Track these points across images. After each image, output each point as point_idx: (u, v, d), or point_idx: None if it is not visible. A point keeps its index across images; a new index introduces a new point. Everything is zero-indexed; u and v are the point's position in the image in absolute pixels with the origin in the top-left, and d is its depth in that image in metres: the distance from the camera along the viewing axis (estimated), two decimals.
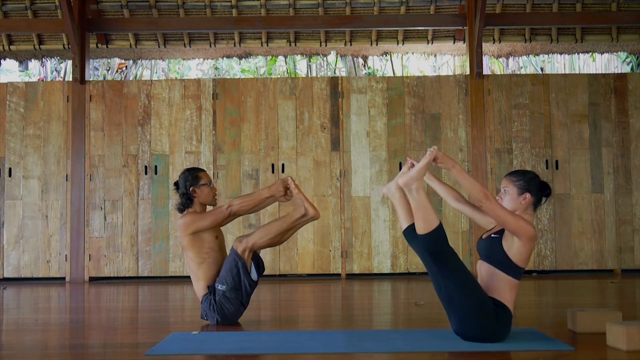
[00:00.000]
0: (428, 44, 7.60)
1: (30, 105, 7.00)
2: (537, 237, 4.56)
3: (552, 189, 3.31)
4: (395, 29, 7.45)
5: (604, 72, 9.82)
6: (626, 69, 10.19)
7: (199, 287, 3.90)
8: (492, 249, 3.14)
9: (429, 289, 5.79)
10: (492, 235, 3.18)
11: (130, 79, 10.33)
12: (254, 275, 3.84)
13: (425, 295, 5.23)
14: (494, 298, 3.09)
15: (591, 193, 6.87)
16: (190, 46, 7.62)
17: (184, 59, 8.11)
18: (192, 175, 3.97)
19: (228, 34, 7.58)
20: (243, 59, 8.11)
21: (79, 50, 6.91)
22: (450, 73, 10.30)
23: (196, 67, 10.86)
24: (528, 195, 3.18)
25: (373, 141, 6.94)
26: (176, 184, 4.00)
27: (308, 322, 4.21)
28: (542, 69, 10.49)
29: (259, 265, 3.92)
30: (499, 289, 3.10)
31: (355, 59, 9.73)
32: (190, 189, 3.94)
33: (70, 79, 7.46)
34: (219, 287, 3.81)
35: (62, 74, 10.39)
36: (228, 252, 3.91)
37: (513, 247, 3.09)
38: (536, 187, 3.21)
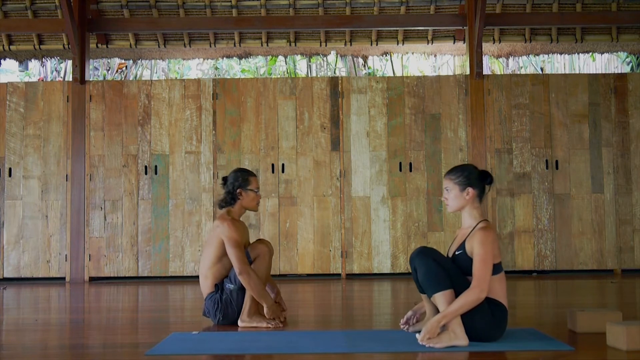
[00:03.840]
0: (428, 44, 7.60)
1: (30, 105, 7.00)
2: (494, 227, 4.52)
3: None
4: (395, 29, 7.45)
5: (604, 72, 9.82)
6: (626, 69, 10.19)
7: (206, 285, 3.90)
8: (463, 264, 3.19)
9: None
10: (456, 253, 3.24)
11: (130, 79, 10.33)
12: None
13: None
14: (487, 297, 3.13)
15: (591, 193, 6.87)
16: (190, 46, 7.62)
17: (184, 59, 8.10)
18: (243, 178, 3.94)
19: (228, 34, 7.58)
20: (243, 59, 8.11)
21: (79, 50, 6.91)
22: (450, 73, 10.30)
23: (196, 67, 10.87)
24: (470, 189, 3.25)
25: (373, 141, 6.93)
26: (224, 179, 3.98)
27: (308, 322, 4.21)
28: (542, 69, 10.49)
29: None
30: (489, 288, 3.14)
31: (355, 59, 9.73)
32: (238, 190, 3.92)
33: (70, 79, 7.46)
34: (227, 286, 3.84)
35: (62, 74, 10.40)
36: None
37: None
38: (476, 180, 3.27)
